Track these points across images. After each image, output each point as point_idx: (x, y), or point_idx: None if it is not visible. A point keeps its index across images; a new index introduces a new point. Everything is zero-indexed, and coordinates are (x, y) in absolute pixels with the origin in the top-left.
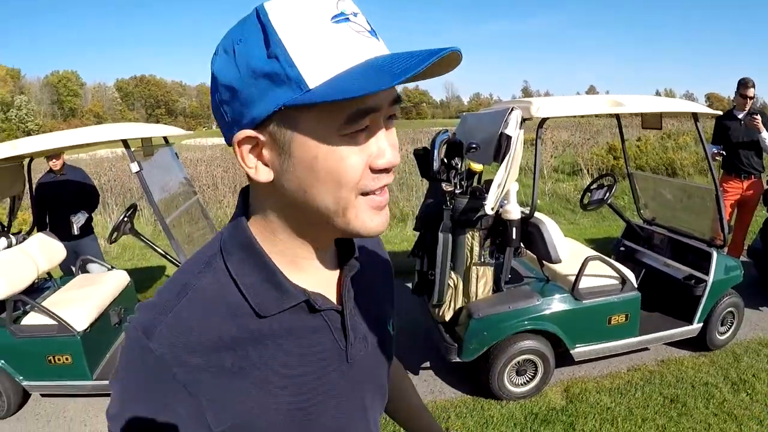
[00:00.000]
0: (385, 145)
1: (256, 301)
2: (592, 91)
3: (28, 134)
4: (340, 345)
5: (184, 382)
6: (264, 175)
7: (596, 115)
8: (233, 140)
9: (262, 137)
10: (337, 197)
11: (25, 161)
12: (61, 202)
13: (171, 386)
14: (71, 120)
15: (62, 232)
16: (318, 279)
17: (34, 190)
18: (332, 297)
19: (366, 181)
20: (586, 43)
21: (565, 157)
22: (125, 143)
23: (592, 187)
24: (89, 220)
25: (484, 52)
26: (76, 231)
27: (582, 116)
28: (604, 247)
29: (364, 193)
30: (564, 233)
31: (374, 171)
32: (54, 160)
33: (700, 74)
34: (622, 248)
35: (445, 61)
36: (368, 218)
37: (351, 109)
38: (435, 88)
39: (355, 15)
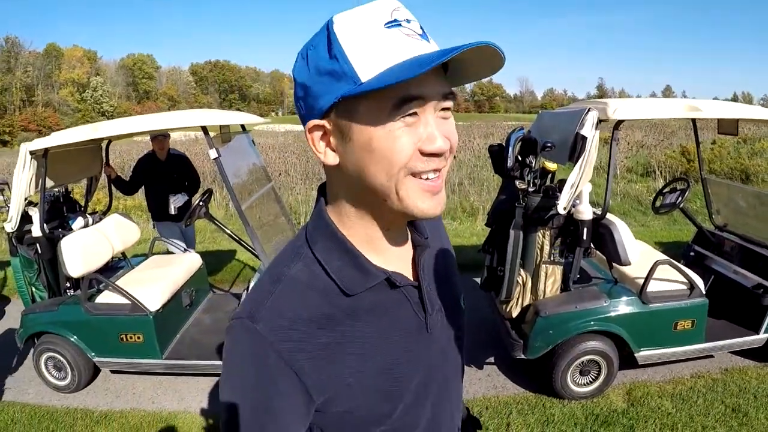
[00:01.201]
0: (435, 132)
1: (343, 282)
2: (668, 91)
3: (103, 115)
4: (419, 317)
5: (287, 359)
6: (331, 158)
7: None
8: (305, 128)
9: (328, 125)
10: (390, 174)
11: (103, 143)
12: (163, 185)
13: (277, 364)
14: (145, 102)
15: (160, 213)
16: (395, 258)
17: (132, 169)
18: (409, 274)
19: (415, 162)
20: (664, 43)
21: (639, 157)
22: (205, 129)
23: (665, 191)
24: (188, 203)
25: (560, 47)
26: (173, 211)
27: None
28: (674, 251)
29: (415, 174)
30: (634, 235)
31: (424, 154)
32: (161, 141)
33: None
34: (692, 253)
35: (488, 61)
36: (420, 199)
37: (397, 96)
38: (509, 82)
39: (408, 21)
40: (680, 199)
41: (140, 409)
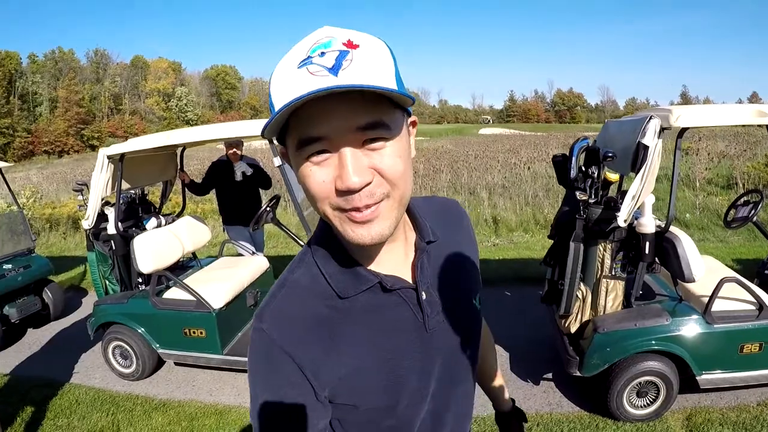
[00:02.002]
0: (347, 170)
1: (337, 285)
2: (755, 98)
3: (187, 123)
4: (418, 318)
5: (291, 354)
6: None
7: (758, 126)
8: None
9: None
10: (317, 208)
11: (178, 150)
12: (234, 190)
13: (281, 358)
14: (228, 112)
15: (231, 217)
16: (391, 263)
17: (205, 174)
18: (407, 277)
19: (336, 200)
20: (751, 47)
21: (720, 169)
22: (270, 138)
23: (737, 204)
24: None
25: (642, 54)
26: (239, 176)
27: (739, 126)
28: (752, 268)
29: (343, 209)
30: (712, 251)
31: (338, 192)
32: (234, 150)
33: None
34: (766, 271)
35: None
36: (349, 230)
37: (299, 137)
38: (590, 91)
39: (323, 55)
40: (753, 212)
41: (198, 400)
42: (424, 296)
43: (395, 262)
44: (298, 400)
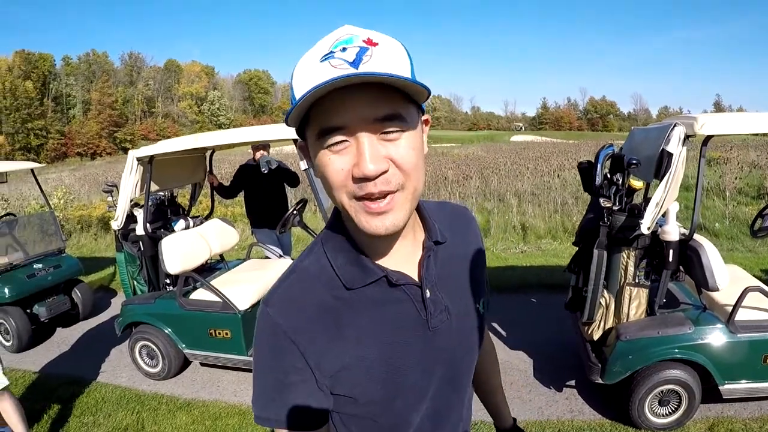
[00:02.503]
0: (364, 158)
1: (344, 276)
2: None
3: (220, 127)
4: (421, 315)
5: (294, 339)
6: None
7: None
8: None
9: (303, 143)
10: (334, 198)
11: (207, 153)
12: (261, 193)
13: (285, 342)
14: (261, 116)
15: (258, 220)
16: (399, 259)
17: (233, 177)
18: (413, 274)
19: (351, 188)
20: None
21: (751, 178)
22: (296, 142)
23: (765, 213)
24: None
25: (675, 63)
26: (264, 169)
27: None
28: None
29: (357, 197)
30: (741, 261)
31: (355, 180)
32: (262, 151)
33: None
34: None
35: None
36: (365, 219)
37: (319, 127)
38: (623, 99)
39: (344, 50)
40: None
41: (222, 400)
42: (428, 294)
43: (402, 258)
44: (300, 386)
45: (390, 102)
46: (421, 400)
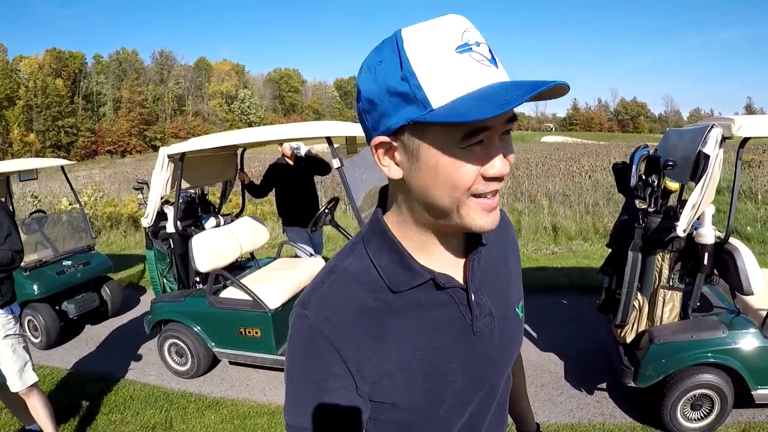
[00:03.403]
0: (497, 157)
1: (389, 279)
2: None
3: (250, 125)
4: (466, 318)
5: (335, 344)
6: (395, 173)
7: None
8: (371, 143)
9: (394, 143)
10: (453, 197)
11: (239, 150)
12: (292, 190)
13: (325, 347)
14: (291, 115)
15: (290, 218)
16: (445, 261)
17: (263, 175)
18: (458, 277)
19: (478, 186)
20: None
21: None
22: (329, 140)
23: None
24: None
25: (707, 65)
26: (301, 152)
27: None
28: None
29: (476, 195)
30: None
31: (486, 178)
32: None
33: None
34: None
35: (553, 90)
36: (478, 217)
37: (467, 127)
38: (654, 101)
39: (478, 45)
40: None
41: (251, 399)
42: (473, 297)
43: (450, 260)
44: (339, 392)
45: None
46: (466, 406)
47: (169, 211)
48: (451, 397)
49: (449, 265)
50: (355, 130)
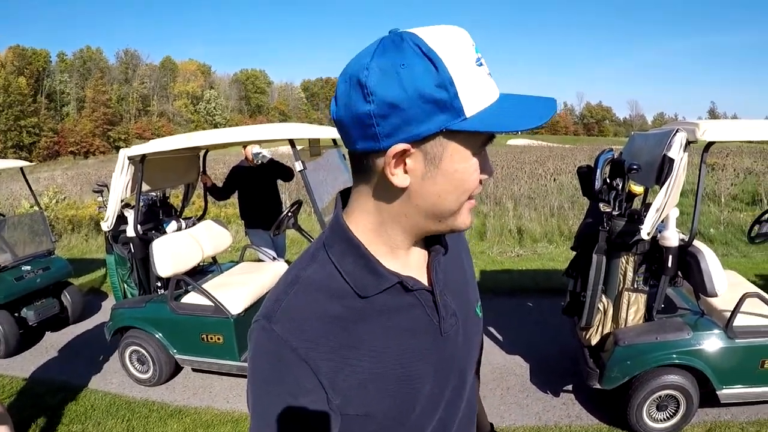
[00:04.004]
0: (489, 162)
1: (356, 284)
2: None
3: (215, 126)
4: (433, 320)
5: (304, 357)
6: (403, 181)
7: None
8: (389, 151)
9: (413, 149)
10: (460, 201)
11: (201, 152)
12: (254, 193)
13: (294, 362)
14: (257, 116)
15: (252, 221)
16: (409, 263)
17: (226, 177)
18: (423, 279)
19: (477, 188)
20: None
21: (745, 185)
22: (292, 143)
23: (762, 219)
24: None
25: (671, 70)
26: (257, 162)
27: (765, 142)
28: None
29: (470, 197)
30: (735, 266)
31: (480, 181)
32: (252, 144)
33: None
34: None
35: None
36: (467, 216)
37: (486, 136)
38: (619, 105)
39: (481, 59)
40: None
41: (214, 407)
42: (439, 298)
43: (414, 262)
44: (311, 408)
45: None
46: (436, 409)
47: (130, 214)
48: (423, 400)
49: (413, 265)
50: (318, 132)
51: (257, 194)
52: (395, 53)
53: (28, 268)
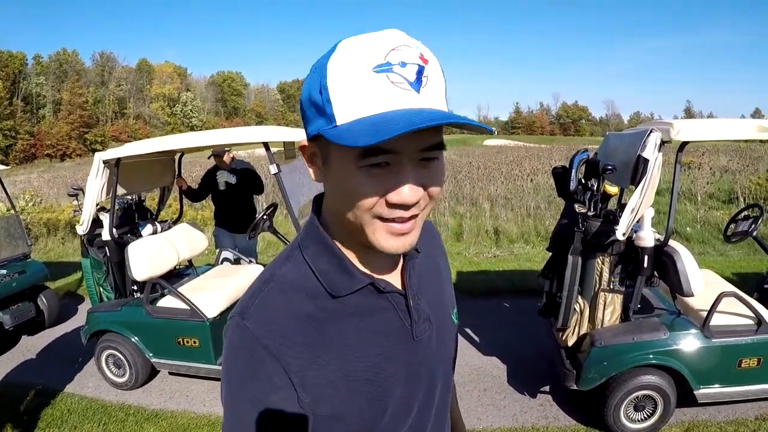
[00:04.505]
0: (403, 184)
1: (329, 283)
2: (757, 113)
3: (192, 129)
4: (406, 324)
5: (276, 353)
6: (316, 176)
7: (761, 141)
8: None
9: (312, 148)
10: (355, 214)
11: (176, 156)
12: (225, 198)
13: (266, 358)
14: (233, 118)
15: (226, 223)
16: (382, 267)
17: (200, 181)
18: (397, 282)
19: (380, 210)
20: (755, 64)
21: (721, 183)
22: (266, 145)
23: (738, 218)
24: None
25: (646, 70)
26: (221, 186)
27: (741, 141)
28: (751, 283)
29: (381, 218)
30: (712, 264)
31: (389, 204)
32: (224, 159)
33: None
34: (765, 286)
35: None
36: (383, 238)
37: (362, 147)
38: (595, 105)
39: (403, 65)
40: (753, 227)
41: (191, 411)
42: (412, 303)
43: (387, 266)
44: (281, 406)
45: (440, 130)
46: (408, 414)
47: (105, 218)
48: (394, 404)
49: (387, 269)
50: (293, 134)
51: (229, 199)
52: (320, 59)
53: (4, 272)
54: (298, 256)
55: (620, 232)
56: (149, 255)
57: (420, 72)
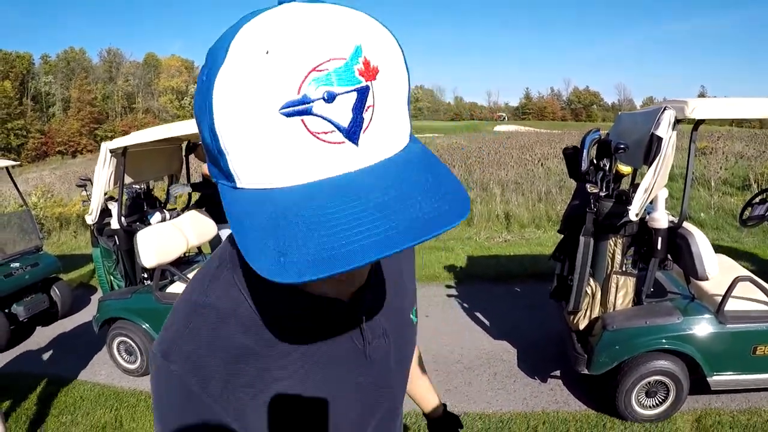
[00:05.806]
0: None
1: (264, 311)
2: None
3: None
4: (358, 345)
5: (213, 398)
6: None
7: None
8: None
9: None
10: None
11: (183, 143)
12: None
13: (200, 403)
14: None
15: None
16: (331, 283)
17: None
18: (343, 296)
19: None
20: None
21: (737, 169)
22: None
23: (754, 202)
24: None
25: (660, 54)
26: (172, 201)
27: (757, 127)
28: (766, 269)
29: None
30: (725, 251)
31: None
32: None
33: None
34: None
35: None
36: (324, 283)
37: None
38: (607, 90)
39: (330, 99)
40: None
41: None
42: (365, 322)
43: (330, 282)
44: None
45: None
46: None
47: (113, 207)
48: (348, 427)
49: (332, 286)
50: None
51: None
52: (212, 53)
53: (17, 264)
54: (227, 277)
55: (633, 212)
56: (158, 242)
57: (360, 103)
